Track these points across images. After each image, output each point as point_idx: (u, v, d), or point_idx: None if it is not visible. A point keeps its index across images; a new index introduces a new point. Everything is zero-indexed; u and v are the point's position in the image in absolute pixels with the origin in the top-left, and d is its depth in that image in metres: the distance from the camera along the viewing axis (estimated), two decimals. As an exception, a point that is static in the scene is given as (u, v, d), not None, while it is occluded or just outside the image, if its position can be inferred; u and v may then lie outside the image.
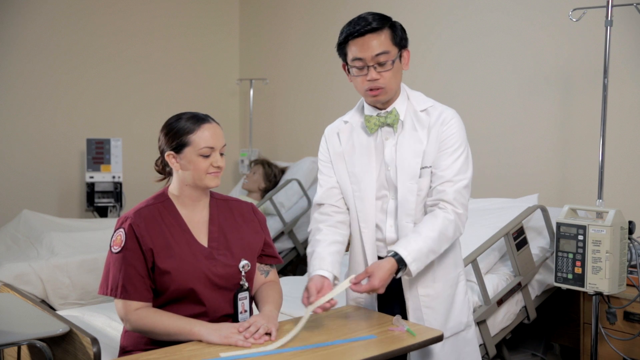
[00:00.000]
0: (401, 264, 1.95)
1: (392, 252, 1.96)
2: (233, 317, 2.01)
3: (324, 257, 2.06)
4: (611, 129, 3.24)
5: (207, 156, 1.97)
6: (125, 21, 5.37)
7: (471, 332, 2.20)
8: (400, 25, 2.07)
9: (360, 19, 2.02)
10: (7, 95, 4.90)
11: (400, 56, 2.05)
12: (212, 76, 5.84)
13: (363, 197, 2.10)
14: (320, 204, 2.18)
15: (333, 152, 2.18)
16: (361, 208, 2.11)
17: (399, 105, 2.09)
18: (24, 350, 2.16)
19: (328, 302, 1.91)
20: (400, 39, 2.04)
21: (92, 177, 4.90)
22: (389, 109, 2.09)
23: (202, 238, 2.02)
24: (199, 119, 1.99)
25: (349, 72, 2.07)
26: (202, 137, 1.96)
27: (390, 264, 1.94)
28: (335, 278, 2.04)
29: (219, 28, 5.87)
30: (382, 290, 1.94)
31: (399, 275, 1.98)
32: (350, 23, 2.03)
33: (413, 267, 1.95)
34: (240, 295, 2.01)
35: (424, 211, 2.08)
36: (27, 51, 4.94)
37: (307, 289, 1.97)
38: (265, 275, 2.14)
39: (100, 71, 5.27)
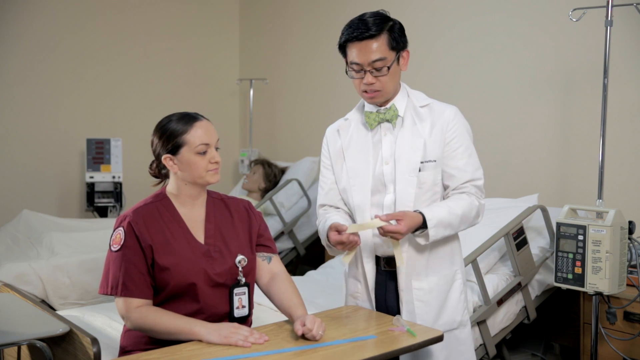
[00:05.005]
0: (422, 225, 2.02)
1: (419, 211, 2.02)
2: (229, 313, 2.01)
3: (337, 219, 2.12)
4: (611, 129, 3.24)
5: (204, 153, 1.98)
6: (125, 21, 5.37)
7: (465, 331, 2.19)
8: (400, 26, 2.08)
9: (360, 21, 2.04)
10: (8, 95, 4.90)
11: (399, 57, 2.07)
12: (212, 76, 5.84)
13: (359, 191, 2.14)
14: (322, 205, 2.25)
15: (333, 149, 2.22)
16: (357, 202, 2.14)
17: (398, 102, 2.13)
18: (24, 350, 2.16)
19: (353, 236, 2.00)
20: (398, 42, 2.05)
21: (92, 177, 4.90)
22: (387, 106, 2.13)
23: (200, 236, 2.03)
24: (190, 118, 2.01)
25: (347, 72, 2.10)
26: (196, 135, 1.98)
27: (418, 218, 2.01)
28: None
29: (219, 28, 5.87)
30: (403, 235, 1.99)
31: (417, 234, 2.04)
32: (350, 25, 2.06)
33: (432, 232, 2.02)
34: (237, 290, 2.01)
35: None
36: (28, 51, 4.94)
37: (331, 227, 2.03)
38: (267, 261, 2.13)
39: (100, 71, 5.27)
